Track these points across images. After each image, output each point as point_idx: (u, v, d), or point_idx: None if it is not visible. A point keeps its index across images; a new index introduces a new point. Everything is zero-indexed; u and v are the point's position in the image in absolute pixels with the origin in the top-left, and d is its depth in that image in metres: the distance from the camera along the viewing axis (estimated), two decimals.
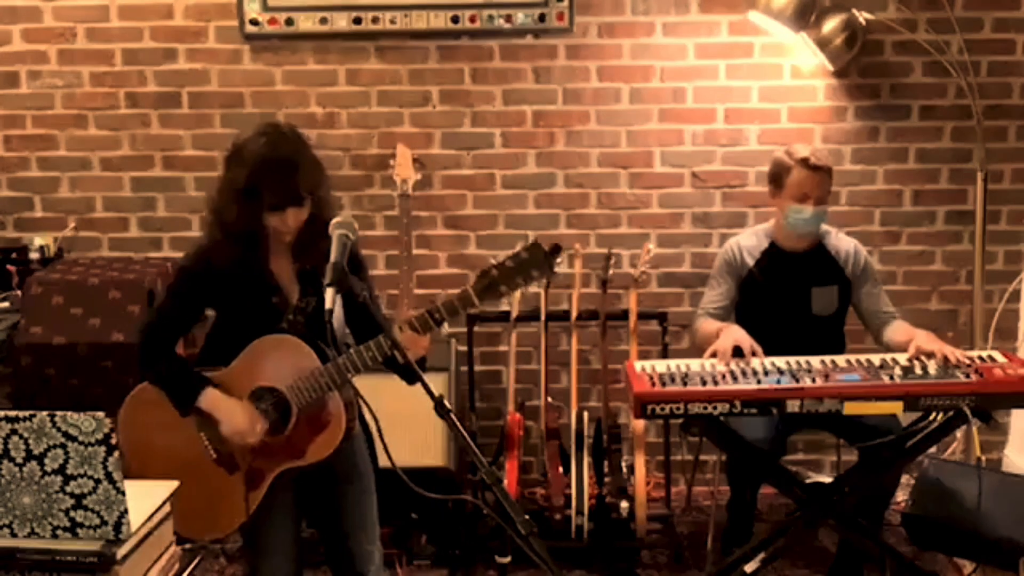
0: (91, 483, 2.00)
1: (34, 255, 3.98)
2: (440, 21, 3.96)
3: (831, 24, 3.83)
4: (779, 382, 2.92)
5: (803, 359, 3.09)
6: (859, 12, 3.85)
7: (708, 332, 3.32)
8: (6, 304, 3.75)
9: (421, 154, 4.02)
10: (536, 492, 3.98)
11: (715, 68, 4.03)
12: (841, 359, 3.10)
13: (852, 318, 3.55)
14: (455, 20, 3.96)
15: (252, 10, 3.96)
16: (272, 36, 4.00)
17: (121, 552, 2.02)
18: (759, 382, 2.93)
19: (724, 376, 2.97)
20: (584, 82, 4.05)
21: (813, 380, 2.93)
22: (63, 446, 1.98)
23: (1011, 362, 3.02)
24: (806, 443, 4.21)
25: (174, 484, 2.28)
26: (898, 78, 4.05)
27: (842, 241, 3.52)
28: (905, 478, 3.73)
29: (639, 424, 3.71)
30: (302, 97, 4.06)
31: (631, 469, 3.70)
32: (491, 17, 3.96)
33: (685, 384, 2.92)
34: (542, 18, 3.97)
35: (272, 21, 3.97)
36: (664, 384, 2.93)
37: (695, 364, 3.08)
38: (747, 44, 4.01)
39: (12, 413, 2.00)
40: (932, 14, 3.91)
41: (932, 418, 3.04)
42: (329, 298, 2.20)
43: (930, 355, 3.06)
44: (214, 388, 2.57)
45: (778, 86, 4.04)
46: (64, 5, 3.99)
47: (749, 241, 3.53)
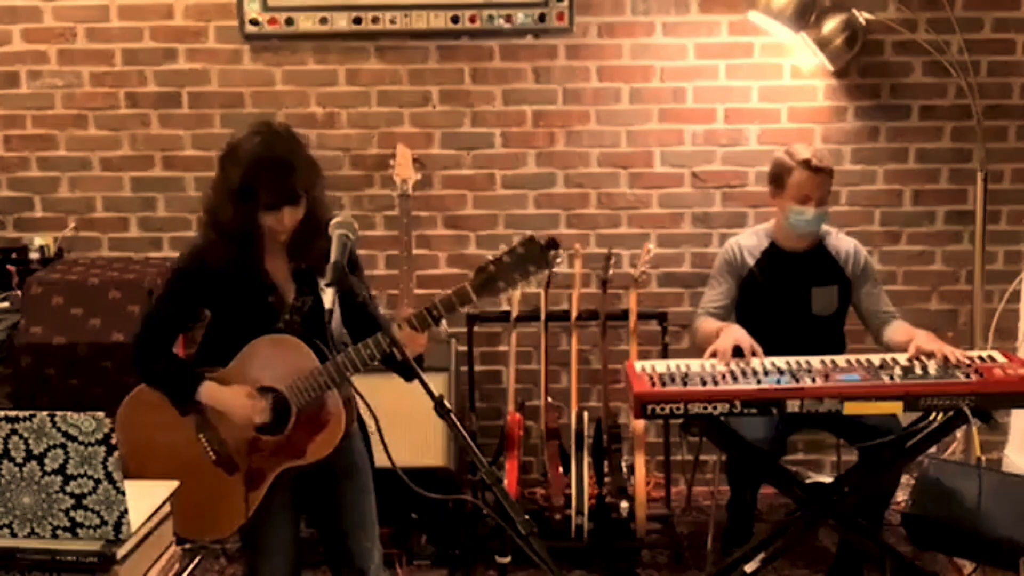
0: (91, 483, 2.00)
1: (34, 255, 3.98)
2: (440, 21, 3.96)
3: (831, 24, 3.83)
4: (779, 382, 2.92)
5: (803, 359, 3.09)
6: (859, 12, 3.85)
7: (708, 332, 3.32)
8: (6, 304, 3.75)
9: (421, 154, 4.02)
10: (536, 492, 3.98)
11: (715, 68, 4.02)
12: (841, 359, 3.10)
13: (852, 318, 3.55)
14: (455, 20, 3.96)
15: (252, 10, 3.95)
16: (272, 36, 4.00)
17: (121, 552, 2.02)
18: (759, 382, 2.93)
19: (724, 376, 2.97)
20: (584, 82, 4.05)
21: (813, 380, 2.93)
22: (63, 446, 1.98)
23: (1011, 362, 3.03)
24: (806, 443, 4.21)
25: (174, 484, 2.28)
26: (898, 78, 4.05)
27: (842, 241, 3.52)
28: (905, 478, 3.73)
29: (639, 424, 3.71)
30: (302, 97, 4.06)
31: (631, 469, 3.70)
32: (491, 17, 3.96)
33: (685, 384, 2.92)
34: (542, 18, 3.97)
35: (272, 21, 3.97)
36: (664, 384, 2.93)
37: (695, 364, 3.08)
38: (747, 44, 4.01)
39: (12, 413, 2.00)
40: (932, 14, 3.91)
41: (932, 418, 3.04)
42: (329, 298, 2.20)
43: (930, 355, 3.06)
44: (210, 382, 2.57)
45: (778, 86, 4.04)
46: (64, 5, 3.99)
47: (749, 241, 3.53)
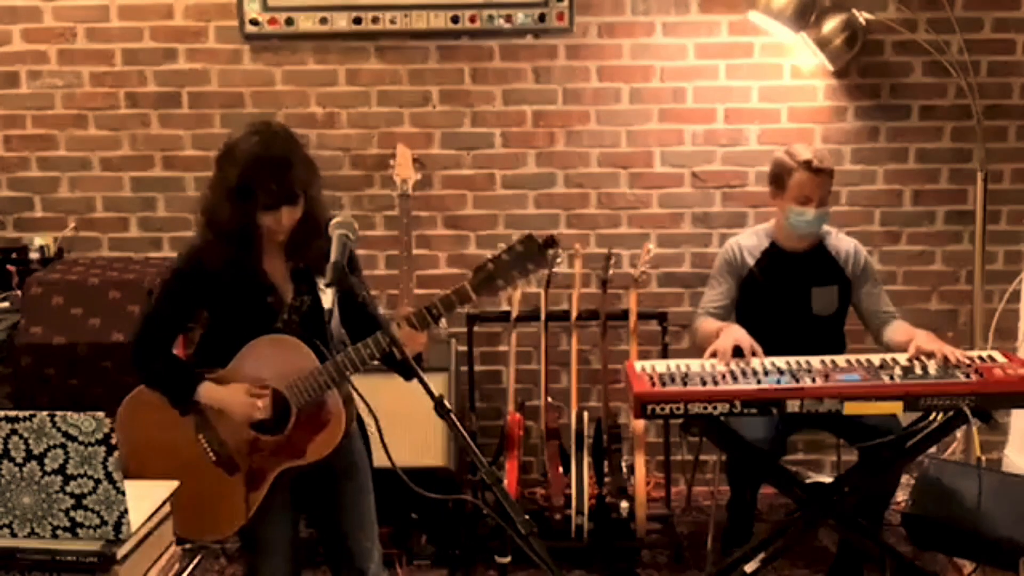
0: (91, 483, 1.99)
1: (34, 255, 3.98)
2: (440, 21, 3.96)
3: (831, 24, 3.83)
4: (779, 382, 2.92)
5: (803, 359, 3.09)
6: (859, 12, 3.85)
7: (708, 332, 3.32)
8: (6, 304, 3.75)
9: (421, 154, 4.02)
10: (536, 492, 3.98)
11: (715, 68, 4.02)
12: (841, 359, 3.10)
13: (852, 318, 3.55)
14: (455, 20, 3.96)
15: (252, 10, 3.95)
16: (272, 36, 4.00)
17: (121, 552, 2.02)
18: (759, 382, 2.93)
19: (724, 376, 2.97)
20: (584, 82, 4.05)
21: (813, 380, 2.93)
22: (63, 446, 1.98)
23: (1011, 362, 3.03)
24: (806, 443, 4.21)
25: (174, 484, 2.28)
26: (898, 78, 4.05)
27: (842, 241, 3.52)
28: (905, 478, 3.73)
29: (639, 424, 3.71)
30: (302, 97, 4.05)
31: (631, 469, 3.70)
32: (491, 17, 3.96)
33: (685, 384, 2.92)
34: (542, 18, 3.97)
35: (272, 21, 3.97)
36: (664, 384, 2.93)
37: (695, 364, 3.08)
38: (747, 44, 4.01)
39: (12, 413, 1.99)
40: (932, 14, 3.91)
41: (932, 418, 3.04)
42: (329, 298, 2.20)
43: (930, 355, 3.06)
44: (209, 382, 2.57)
45: (778, 86, 4.04)
46: (64, 5, 3.99)
47: (749, 241, 3.53)
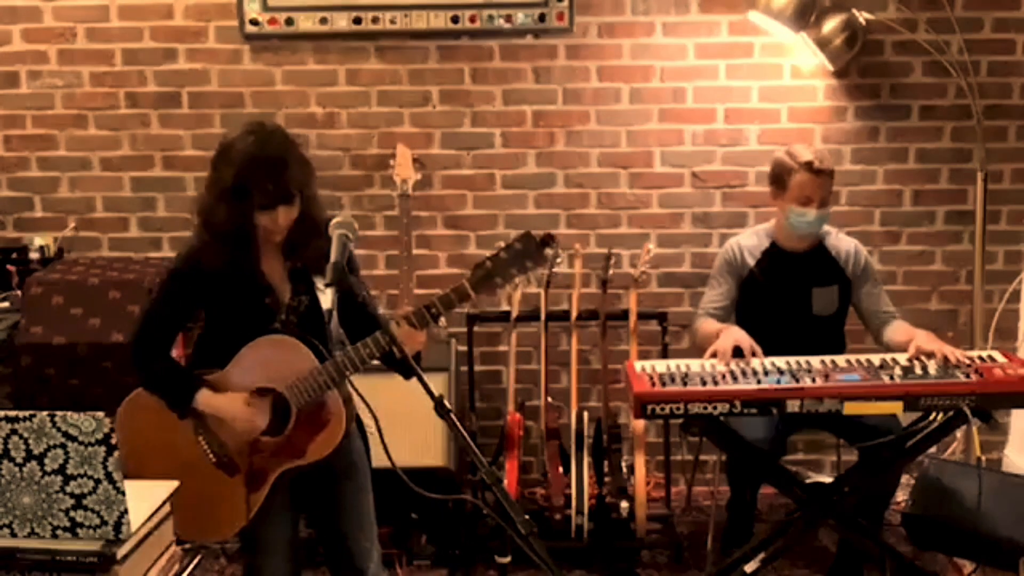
0: (91, 483, 1.99)
1: (34, 255, 3.98)
2: (440, 21, 3.96)
3: (831, 24, 3.83)
4: (779, 382, 2.92)
5: (803, 359, 3.09)
6: (859, 12, 3.85)
7: (708, 332, 3.32)
8: (6, 304, 3.75)
9: (421, 154, 4.02)
10: (536, 492, 3.97)
11: (715, 68, 4.02)
12: (841, 359, 3.10)
13: (852, 318, 3.55)
14: (455, 20, 3.96)
15: (252, 10, 3.95)
16: (272, 36, 4.00)
17: (121, 552, 2.02)
18: (759, 382, 2.93)
19: (724, 376, 2.97)
20: (584, 82, 4.05)
21: (813, 380, 2.93)
22: (63, 446, 1.98)
23: (1011, 362, 3.03)
24: (806, 443, 4.21)
25: (174, 484, 2.27)
26: (898, 78, 4.05)
27: (842, 241, 3.52)
28: (905, 478, 3.73)
29: (639, 424, 3.71)
30: (302, 97, 4.05)
31: (631, 469, 3.70)
32: (491, 17, 3.96)
33: (685, 384, 2.93)
34: (542, 18, 3.97)
35: (272, 21, 3.97)
36: (664, 384, 2.93)
37: (695, 364, 3.08)
38: (747, 44, 4.01)
39: (12, 413, 1.99)
40: (932, 14, 3.91)
41: (932, 418, 3.04)
42: (329, 298, 2.20)
43: (930, 355, 3.06)
44: (208, 388, 2.56)
45: (778, 86, 4.04)
46: (64, 5, 3.99)
47: (749, 241, 3.53)
